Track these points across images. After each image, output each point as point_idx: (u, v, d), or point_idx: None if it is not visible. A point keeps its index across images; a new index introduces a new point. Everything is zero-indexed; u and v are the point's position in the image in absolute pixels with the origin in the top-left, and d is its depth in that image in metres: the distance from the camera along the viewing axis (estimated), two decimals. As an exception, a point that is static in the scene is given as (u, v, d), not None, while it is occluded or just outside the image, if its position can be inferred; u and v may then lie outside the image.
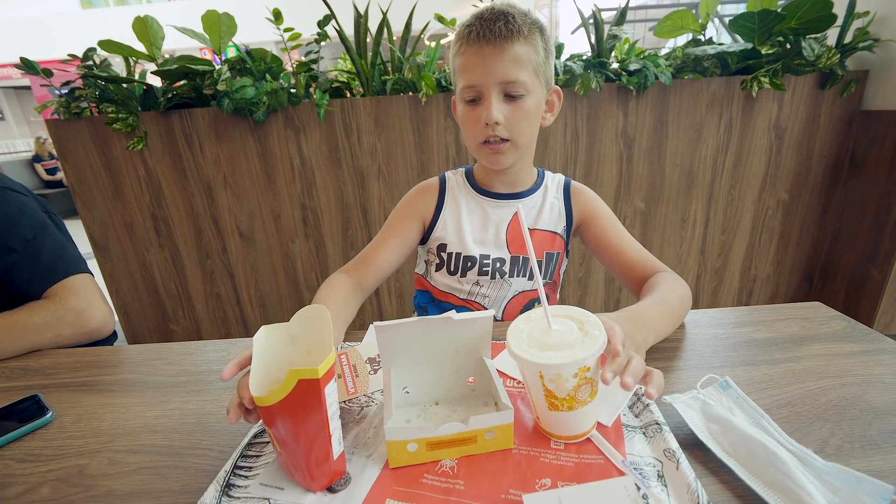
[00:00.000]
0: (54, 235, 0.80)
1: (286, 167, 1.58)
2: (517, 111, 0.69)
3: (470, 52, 0.67)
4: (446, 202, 0.83)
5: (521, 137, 0.71)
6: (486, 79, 0.67)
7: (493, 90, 0.67)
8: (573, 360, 0.39)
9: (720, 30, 2.44)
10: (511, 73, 0.66)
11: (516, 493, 0.38)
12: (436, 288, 0.85)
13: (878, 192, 1.56)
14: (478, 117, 0.69)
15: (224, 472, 0.41)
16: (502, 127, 0.69)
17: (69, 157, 1.52)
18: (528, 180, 0.82)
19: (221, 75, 1.40)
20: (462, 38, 0.69)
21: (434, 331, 0.46)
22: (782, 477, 0.37)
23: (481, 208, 0.81)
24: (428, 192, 0.84)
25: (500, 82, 0.67)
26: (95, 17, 9.12)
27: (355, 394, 0.53)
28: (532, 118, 0.71)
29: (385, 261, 0.82)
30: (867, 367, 0.55)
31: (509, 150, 0.72)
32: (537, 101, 0.70)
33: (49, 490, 0.43)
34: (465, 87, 0.69)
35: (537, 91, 0.70)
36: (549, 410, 0.42)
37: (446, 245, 0.81)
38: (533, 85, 0.68)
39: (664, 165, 1.64)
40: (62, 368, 0.65)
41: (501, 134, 0.69)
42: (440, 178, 0.85)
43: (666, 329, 0.61)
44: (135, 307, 1.75)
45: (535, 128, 0.73)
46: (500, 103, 0.68)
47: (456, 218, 0.82)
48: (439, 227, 0.82)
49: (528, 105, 0.69)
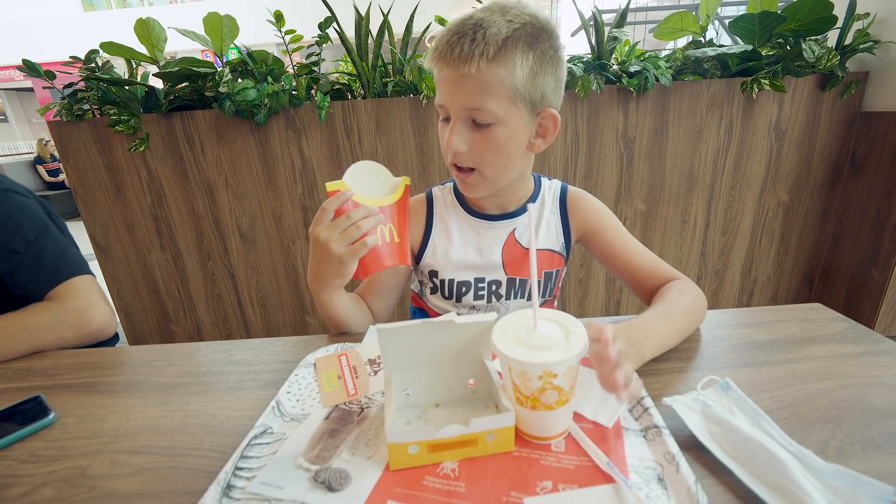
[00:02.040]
0: (56, 237, 0.80)
1: (287, 168, 1.58)
2: (483, 140, 0.61)
3: (435, 70, 0.61)
4: (435, 225, 0.78)
5: (488, 169, 0.64)
6: (450, 102, 0.61)
7: (459, 115, 0.60)
8: (538, 361, 0.39)
9: (720, 31, 2.45)
10: (474, 100, 0.58)
11: (517, 495, 0.38)
12: (432, 309, 0.83)
13: (879, 193, 1.56)
14: (446, 139, 0.64)
15: (224, 473, 0.41)
16: (465, 156, 0.62)
17: (71, 159, 1.53)
18: (522, 198, 0.76)
19: (223, 77, 1.40)
20: (430, 50, 0.61)
21: (436, 333, 0.46)
22: (783, 478, 0.37)
23: (473, 230, 0.76)
24: (414, 215, 0.78)
25: (464, 108, 0.59)
26: (97, 20, 9.14)
27: (356, 395, 0.53)
28: (502, 149, 0.62)
29: (385, 285, 0.79)
30: (868, 368, 0.55)
31: (476, 181, 0.66)
32: (511, 130, 0.61)
33: (51, 491, 0.43)
34: (437, 104, 0.64)
35: (513, 118, 0.60)
36: (516, 403, 0.44)
37: (437, 272, 0.77)
38: (506, 113, 0.59)
39: (664, 167, 1.64)
40: (64, 369, 0.65)
41: (465, 163, 0.64)
42: (427, 199, 0.80)
43: (668, 342, 0.58)
44: (136, 308, 1.75)
45: (510, 159, 0.65)
46: (464, 129, 0.61)
47: (446, 242, 0.77)
48: (429, 254, 0.77)
49: (496, 135, 0.60)
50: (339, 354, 0.61)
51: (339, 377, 0.57)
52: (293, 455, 0.44)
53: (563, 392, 0.41)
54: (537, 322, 0.44)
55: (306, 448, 0.45)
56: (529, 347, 0.41)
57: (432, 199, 0.80)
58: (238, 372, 0.61)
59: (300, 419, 0.50)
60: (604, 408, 0.48)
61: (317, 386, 0.56)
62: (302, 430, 0.48)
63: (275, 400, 0.52)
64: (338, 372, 0.58)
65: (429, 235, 0.78)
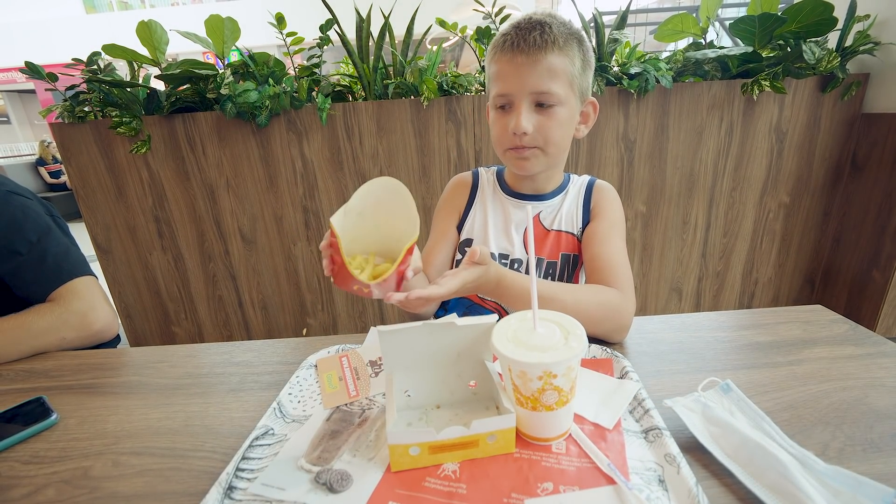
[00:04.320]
0: (58, 238, 0.81)
1: (288, 170, 1.59)
2: (548, 120, 0.68)
3: (504, 60, 0.68)
4: (477, 199, 0.85)
5: (551, 146, 0.71)
6: (518, 88, 0.67)
7: (523, 100, 0.67)
8: (538, 362, 0.39)
9: (721, 33, 2.45)
10: (543, 84, 0.66)
11: (518, 496, 0.38)
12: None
13: (880, 194, 1.56)
14: (506, 125, 0.69)
15: (226, 474, 0.41)
16: (531, 137, 0.69)
17: (73, 161, 1.53)
18: (554, 183, 0.82)
19: (224, 79, 1.41)
20: (497, 47, 0.69)
21: (437, 335, 0.46)
22: (783, 480, 0.37)
23: (504, 209, 0.83)
24: (462, 187, 0.87)
25: (532, 92, 0.67)
26: (99, 22, 9.17)
27: (356, 397, 0.53)
28: (564, 128, 0.71)
29: (441, 259, 0.85)
30: (869, 370, 0.55)
31: (537, 156, 0.72)
32: (570, 112, 0.70)
33: (54, 492, 0.43)
34: (497, 94, 0.70)
35: (571, 102, 0.69)
36: (516, 404, 0.44)
37: (472, 241, 0.83)
38: (566, 96, 0.68)
39: (665, 168, 1.64)
40: (66, 371, 0.65)
41: (530, 144, 0.70)
42: (474, 175, 0.87)
43: (525, 296, 0.60)
44: (137, 310, 1.76)
45: (567, 138, 0.73)
46: (529, 112, 0.68)
47: (483, 216, 0.83)
48: (468, 224, 0.84)
49: (559, 115, 0.69)
50: (341, 356, 0.62)
51: (341, 378, 0.57)
52: (294, 456, 0.44)
53: (563, 393, 0.41)
54: (536, 323, 0.44)
55: (307, 449, 0.45)
56: (529, 348, 0.41)
57: (478, 177, 0.87)
58: (239, 373, 0.61)
59: (301, 420, 0.50)
60: (605, 409, 0.48)
61: (318, 387, 0.56)
62: (303, 431, 0.48)
63: (276, 401, 0.52)
64: (339, 373, 0.58)
65: (470, 207, 0.85)
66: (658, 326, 0.68)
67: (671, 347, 0.62)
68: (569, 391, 0.42)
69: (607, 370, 0.55)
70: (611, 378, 0.54)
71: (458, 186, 0.87)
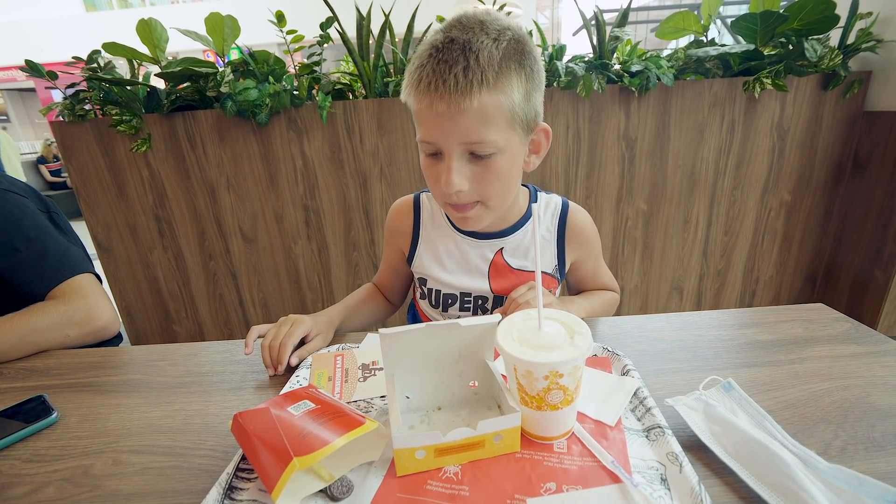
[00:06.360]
0: (57, 237, 0.81)
1: (289, 169, 1.58)
2: (486, 172, 0.57)
3: (423, 103, 0.54)
4: (422, 235, 0.76)
5: (492, 200, 0.61)
6: (443, 139, 0.55)
7: (454, 151, 0.55)
8: (545, 361, 0.39)
9: (722, 31, 2.44)
10: (474, 134, 0.54)
11: (521, 497, 0.38)
12: (422, 312, 0.85)
13: (882, 193, 1.55)
14: (438, 175, 0.58)
15: (226, 474, 0.41)
16: (467, 193, 0.58)
17: (73, 159, 1.53)
18: (512, 217, 0.72)
19: (225, 77, 1.40)
20: (412, 84, 0.55)
21: (439, 336, 0.46)
22: (785, 479, 0.37)
23: (459, 248, 0.74)
24: (402, 219, 0.78)
25: (462, 143, 0.55)
26: (99, 20, 9.15)
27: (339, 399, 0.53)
28: (505, 177, 0.60)
29: (391, 284, 0.87)
30: (871, 368, 0.55)
31: (479, 214, 0.62)
32: (512, 155, 0.59)
33: (54, 490, 0.43)
34: (421, 140, 0.58)
35: (513, 143, 0.57)
36: (521, 404, 0.43)
37: (426, 280, 0.77)
38: (506, 140, 0.56)
39: (666, 167, 1.64)
40: (67, 369, 0.65)
41: (467, 200, 0.60)
42: (414, 200, 0.78)
43: (580, 312, 0.72)
44: (138, 308, 1.76)
45: (513, 184, 0.63)
46: (463, 165, 0.57)
47: (433, 254, 0.75)
48: (416, 262, 0.77)
49: (498, 164, 0.57)
50: (336, 354, 0.62)
51: (330, 379, 0.57)
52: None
53: (569, 392, 0.41)
54: (542, 322, 0.43)
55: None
56: (535, 347, 0.41)
57: (419, 205, 0.77)
58: (240, 372, 0.61)
59: (302, 419, 0.50)
60: (606, 406, 0.48)
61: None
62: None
63: (277, 400, 0.51)
64: (329, 373, 0.58)
65: (416, 244, 0.77)
66: (659, 325, 0.68)
67: (672, 346, 0.62)
68: (574, 390, 0.42)
69: (606, 369, 0.55)
70: (611, 375, 0.53)
71: (397, 216, 0.78)
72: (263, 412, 0.42)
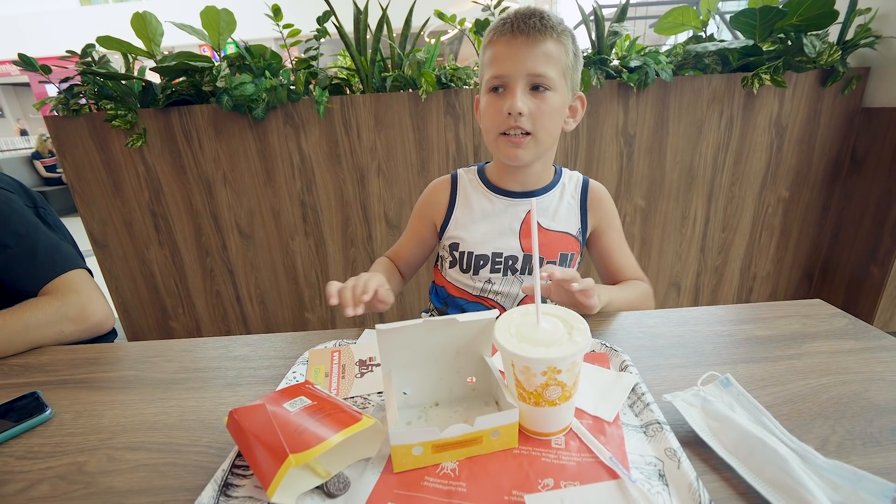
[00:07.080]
0: (47, 232, 0.80)
1: (286, 164, 1.57)
2: (542, 104, 0.69)
3: (502, 41, 0.68)
4: (458, 200, 0.83)
5: (543, 132, 0.71)
6: (515, 69, 0.67)
7: (519, 82, 0.68)
8: (543, 357, 0.39)
9: (721, 26, 2.43)
10: (540, 66, 0.67)
11: (519, 493, 0.38)
12: (450, 283, 0.86)
13: (879, 189, 1.55)
14: (500, 107, 0.69)
15: (222, 471, 0.41)
16: (525, 119, 0.68)
17: (68, 154, 1.52)
18: (545, 179, 0.81)
19: (220, 72, 1.39)
20: (495, 30, 0.70)
21: (436, 332, 0.46)
22: (783, 474, 0.36)
23: (494, 206, 0.81)
24: (439, 192, 0.85)
25: (529, 74, 0.67)
26: (94, 14, 9.08)
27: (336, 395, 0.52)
28: (556, 115, 0.71)
29: (411, 256, 0.90)
30: (868, 364, 0.55)
31: (529, 145, 0.71)
32: (562, 100, 0.71)
33: (48, 487, 0.43)
34: (493, 76, 0.70)
35: (563, 90, 0.70)
36: (518, 400, 0.43)
37: (458, 244, 0.82)
38: (559, 83, 0.69)
39: (665, 163, 1.63)
40: (61, 365, 0.65)
41: (524, 126, 0.69)
42: (452, 176, 0.86)
43: (614, 302, 0.73)
44: (134, 304, 1.75)
45: (557, 127, 0.73)
46: (525, 95, 0.68)
47: (468, 216, 0.82)
48: (451, 227, 0.83)
49: (552, 100, 0.69)
50: (333, 350, 0.61)
51: (327, 375, 0.56)
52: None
53: (567, 388, 0.41)
54: (540, 318, 0.43)
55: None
56: (533, 343, 0.41)
57: (457, 178, 0.86)
58: (236, 368, 0.61)
59: (299, 415, 0.49)
60: (604, 402, 0.48)
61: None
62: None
63: (273, 396, 0.51)
64: (326, 369, 0.57)
65: (451, 210, 0.83)
66: (657, 321, 0.68)
67: (670, 342, 0.62)
68: (572, 386, 0.42)
69: (604, 365, 0.55)
70: (609, 371, 0.53)
71: (435, 190, 0.86)
72: (259, 408, 0.42)
